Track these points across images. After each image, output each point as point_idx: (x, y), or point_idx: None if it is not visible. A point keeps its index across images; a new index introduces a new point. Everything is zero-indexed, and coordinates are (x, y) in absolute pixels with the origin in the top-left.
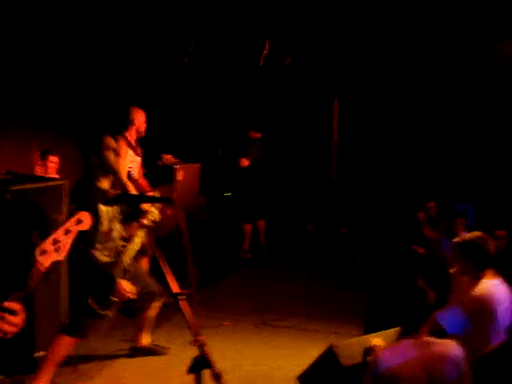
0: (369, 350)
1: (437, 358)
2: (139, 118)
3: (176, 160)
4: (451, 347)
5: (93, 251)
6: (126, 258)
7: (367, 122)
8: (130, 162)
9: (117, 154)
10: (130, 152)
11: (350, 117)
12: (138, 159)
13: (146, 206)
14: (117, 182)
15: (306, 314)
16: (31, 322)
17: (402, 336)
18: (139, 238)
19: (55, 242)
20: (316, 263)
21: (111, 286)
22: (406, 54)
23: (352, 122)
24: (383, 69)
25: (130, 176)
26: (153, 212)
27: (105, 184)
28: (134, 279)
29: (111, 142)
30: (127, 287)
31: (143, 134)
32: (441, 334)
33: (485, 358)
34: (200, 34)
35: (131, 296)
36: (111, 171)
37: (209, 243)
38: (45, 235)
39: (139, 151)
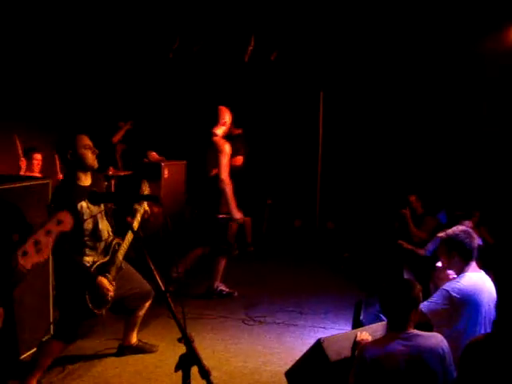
0: (356, 344)
1: (421, 350)
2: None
3: (161, 157)
4: (435, 340)
5: (82, 257)
6: (120, 256)
7: (353, 116)
8: None
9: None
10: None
11: (336, 111)
12: None
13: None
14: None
15: (293, 310)
16: (14, 326)
17: (388, 329)
18: (130, 238)
19: (36, 243)
20: (303, 259)
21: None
22: (392, 47)
23: (338, 117)
24: (369, 62)
25: None
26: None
27: (86, 182)
28: (125, 277)
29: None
30: (109, 286)
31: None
32: (427, 325)
33: (470, 349)
34: (185, 30)
35: (110, 294)
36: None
37: (195, 240)
38: (25, 237)
39: None
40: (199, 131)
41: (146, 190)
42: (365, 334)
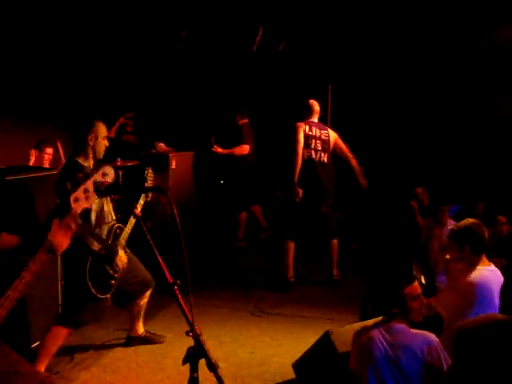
0: None
1: (396, 346)
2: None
3: (169, 148)
4: (419, 340)
5: (87, 241)
6: (122, 241)
7: (361, 106)
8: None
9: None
10: None
11: (344, 102)
12: None
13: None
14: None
15: (301, 301)
16: (25, 314)
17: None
18: (133, 221)
19: (85, 191)
20: (310, 250)
21: (112, 261)
22: (402, 36)
23: (346, 108)
24: (378, 52)
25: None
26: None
27: (88, 165)
28: (127, 264)
29: None
30: (124, 257)
31: None
32: (436, 318)
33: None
34: (193, 21)
35: (122, 268)
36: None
37: (203, 231)
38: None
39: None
40: (207, 122)
41: (150, 177)
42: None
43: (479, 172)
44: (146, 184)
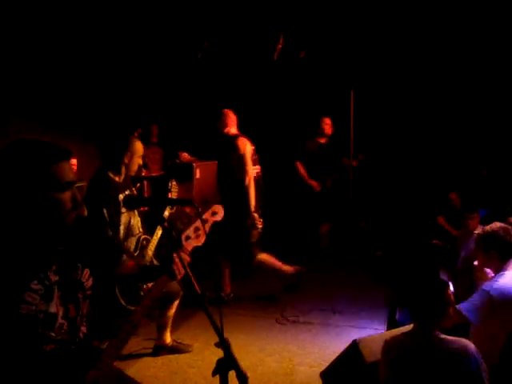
0: None
1: (442, 354)
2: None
3: (193, 158)
4: (460, 346)
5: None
6: (149, 252)
7: (385, 114)
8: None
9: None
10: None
11: (367, 109)
12: None
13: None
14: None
15: (327, 309)
16: None
17: (414, 328)
18: (159, 233)
19: (196, 229)
20: (335, 258)
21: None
22: (425, 43)
23: (369, 115)
24: (401, 59)
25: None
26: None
27: (118, 180)
28: None
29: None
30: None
31: None
32: (464, 326)
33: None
34: (214, 30)
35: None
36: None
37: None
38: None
39: None
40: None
41: (174, 190)
42: None
43: (508, 175)
44: (170, 195)
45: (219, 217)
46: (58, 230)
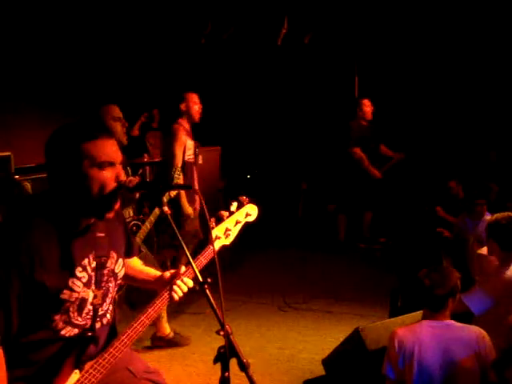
0: None
1: (453, 341)
2: (191, 104)
3: (196, 143)
4: (471, 333)
5: None
6: (137, 239)
7: (389, 99)
8: (188, 150)
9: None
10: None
11: (372, 95)
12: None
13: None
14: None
15: (329, 297)
16: None
17: (423, 316)
18: (152, 219)
19: (227, 230)
20: (338, 245)
21: None
22: (430, 26)
23: (373, 101)
24: (406, 44)
25: (189, 165)
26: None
27: None
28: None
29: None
30: None
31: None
32: (466, 315)
33: None
34: (217, 14)
35: None
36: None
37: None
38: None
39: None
40: (233, 116)
41: (177, 175)
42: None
43: None
44: (175, 182)
45: (253, 218)
46: (97, 206)
